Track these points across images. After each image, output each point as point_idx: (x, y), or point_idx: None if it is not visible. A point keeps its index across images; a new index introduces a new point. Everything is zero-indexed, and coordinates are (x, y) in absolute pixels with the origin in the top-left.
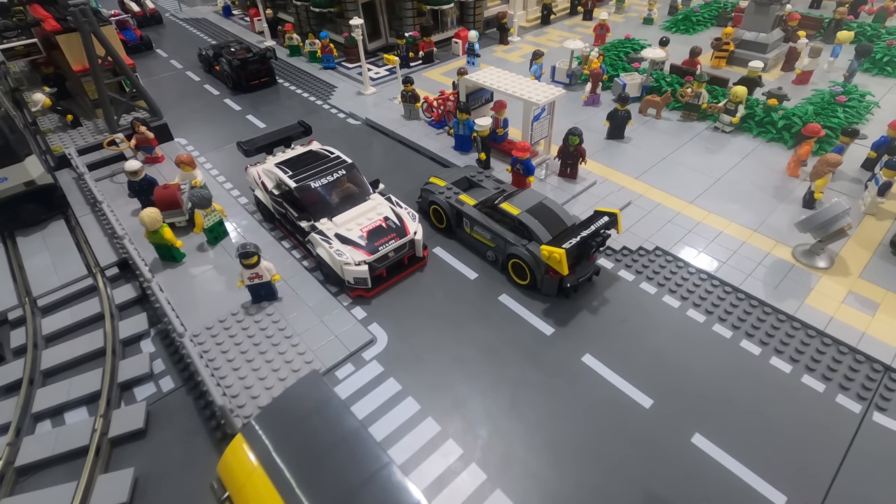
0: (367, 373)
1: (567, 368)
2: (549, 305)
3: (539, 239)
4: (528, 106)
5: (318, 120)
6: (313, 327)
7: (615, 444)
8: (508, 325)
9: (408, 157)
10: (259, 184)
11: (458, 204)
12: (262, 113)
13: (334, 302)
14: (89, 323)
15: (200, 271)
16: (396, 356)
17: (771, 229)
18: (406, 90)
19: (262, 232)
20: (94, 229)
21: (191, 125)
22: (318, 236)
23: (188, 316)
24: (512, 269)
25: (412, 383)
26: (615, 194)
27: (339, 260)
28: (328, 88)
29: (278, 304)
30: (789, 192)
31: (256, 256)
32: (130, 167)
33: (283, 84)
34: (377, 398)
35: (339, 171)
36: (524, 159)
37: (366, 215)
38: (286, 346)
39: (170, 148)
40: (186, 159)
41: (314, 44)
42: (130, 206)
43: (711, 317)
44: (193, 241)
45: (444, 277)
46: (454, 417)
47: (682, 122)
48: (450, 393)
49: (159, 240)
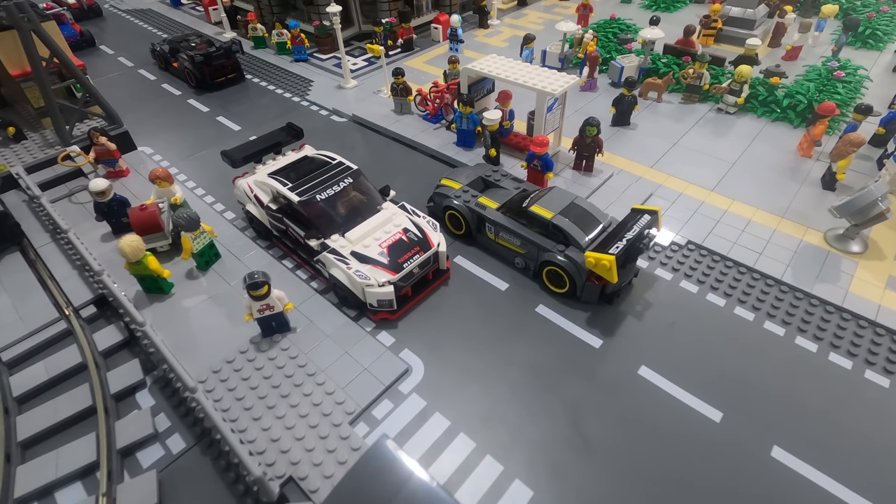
0: (408, 408)
1: (625, 384)
2: (591, 313)
3: (577, 243)
4: (543, 96)
5: (299, 119)
6: (338, 360)
7: (691, 465)
8: (552, 340)
9: (405, 156)
10: (252, 198)
11: (479, 208)
12: (233, 114)
13: (356, 328)
14: (70, 376)
15: (194, 303)
16: (437, 386)
17: (798, 214)
18: (396, 83)
19: (258, 251)
20: (58, 261)
21: (153, 131)
22: (332, 256)
23: (188, 358)
24: (547, 276)
25: (461, 417)
26: (635, 186)
27: (361, 282)
28: (304, 83)
29: (292, 335)
30: (805, 173)
31: (267, 286)
32: (96, 187)
33: (251, 80)
34: (426, 437)
35: (346, 180)
36: (542, 155)
37: (382, 228)
38: (310, 385)
39: (133, 159)
40: (162, 174)
41: (282, 34)
42: (99, 231)
43: (759, 313)
44: (180, 268)
45: (472, 290)
46: (515, 452)
47: (684, 104)
48: (504, 424)
49: (143, 271)
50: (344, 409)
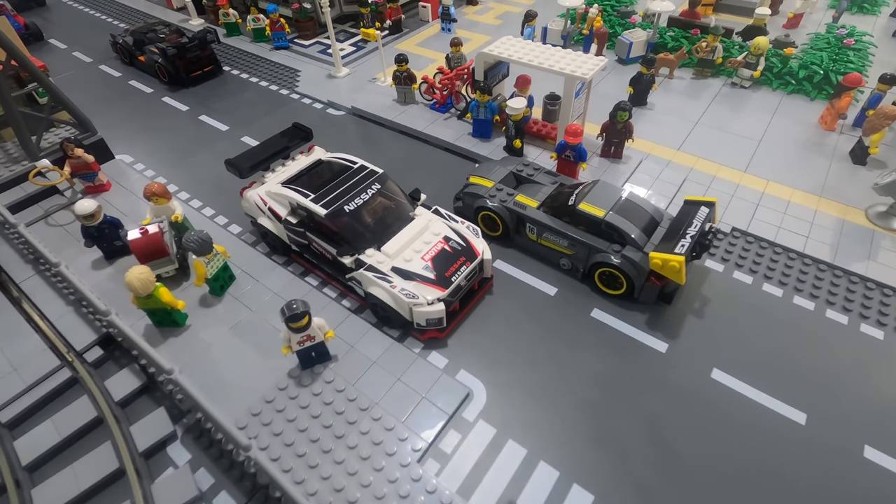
0: (478, 438)
1: (700, 391)
2: (650, 314)
3: (635, 243)
4: (571, 81)
5: (291, 114)
6: (391, 390)
7: (784, 475)
8: (615, 347)
9: (417, 151)
10: (266, 211)
11: (519, 208)
12: (217, 111)
13: (404, 351)
14: (85, 433)
15: (216, 335)
16: (503, 410)
17: (835, 192)
18: (400, 70)
19: (276, 270)
20: (47, 297)
21: (129, 136)
22: (371, 274)
23: (221, 401)
24: (599, 278)
25: (536, 443)
26: (667, 171)
27: (409, 302)
28: (290, 73)
29: (335, 364)
30: (832, 147)
31: (307, 316)
32: (84, 210)
33: (230, 72)
34: (504, 470)
35: (373, 186)
36: (577, 145)
37: (420, 238)
38: (367, 422)
39: (112, 169)
40: (158, 190)
41: (259, 19)
42: (88, 257)
43: (819, 301)
44: (191, 295)
45: (518, 297)
46: (601, 479)
47: (696, 79)
48: (583, 447)
49: (155, 304)
50: (410, 446)
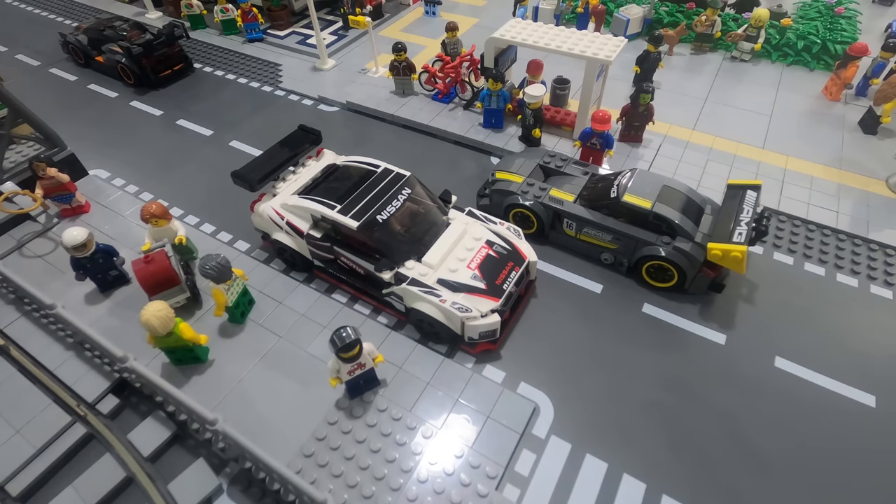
0: (554, 456)
1: (767, 382)
2: (701, 305)
3: (687, 233)
4: (593, 65)
5: (280, 112)
6: (452, 412)
7: (860, 457)
8: (674, 343)
9: (425, 146)
10: (284, 226)
11: (555, 203)
12: (196, 115)
13: (457, 368)
14: (115, 495)
15: (244, 369)
16: (574, 421)
17: (854, 164)
18: (398, 60)
19: (299, 288)
20: (41, 342)
21: (99, 148)
22: (416, 289)
23: (266, 443)
24: (647, 271)
25: (615, 454)
26: (688, 152)
27: (461, 316)
28: (269, 68)
29: (385, 390)
30: (840, 118)
31: (359, 345)
32: (74, 240)
33: (202, 70)
34: (589, 488)
35: (403, 191)
36: (605, 132)
37: (462, 245)
38: (433, 451)
39: (87, 187)
40: (158, 210)
41: (227, 10)
42: (79, 291)
43: (861, 277)
44: (208, 325)
45: (563, 297)
46: (687, 481)
47: (695, 54)
48: (663, 451)
49: (175, 342)
50: (485, 473)
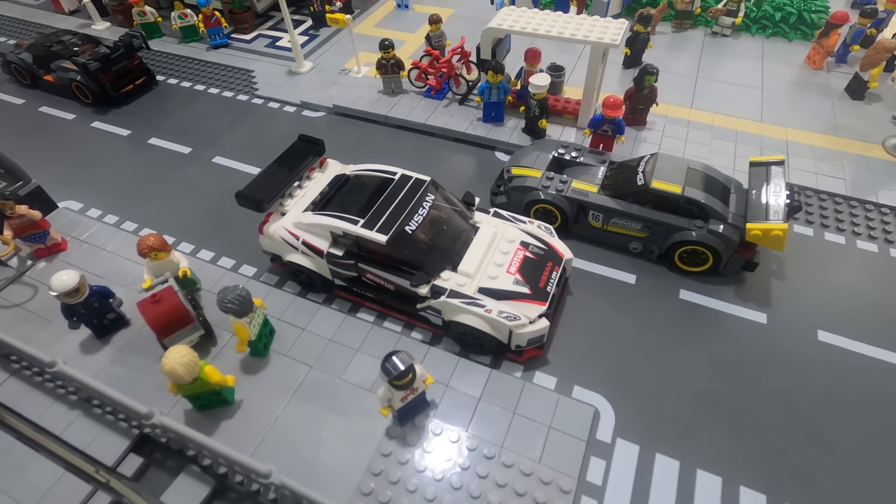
0: (624, 461)
1: (815, 357)
2: (735, 286)
3: (720, 215)
4: (598, 50)
5: (260, 123)
6: (511, 427)
7: None
8: (718, 327)
9: (424, 146)
10: (300, 246)
11: (580, 195)
12: (169, 131)
13: (508, 379)
14: None
15: (277, 406)
16: (636, 421)
17: (849, 131)
18: (385, 58)
19: (320, 311)
20: (39, 404)
21: (64, 177)
22: (457, 301)
23: (318, 485)
24: (680, 257)
25: (684, 450)
26: (692, 131)
27: (510, 325)
28: (241, 75)
29: (434, 411)
30: (827, 86)
31: (413, 370)
32: (64, 285)
33: (167, 83)
34: (666, 489)
35: (427, 198)
36: (617, 118)
37: (496, 249)
38: (499, 471)
39: (58, 222)
40: (157, 243)
41: (186, 16)
42: (73, 340)
43: (879, 242)
44: (228, 362)
45: (598, 292)
46: (760, 469)
47: (677, 32)
48: (730, 441)
49: (202, 388)
50: (559, 489)
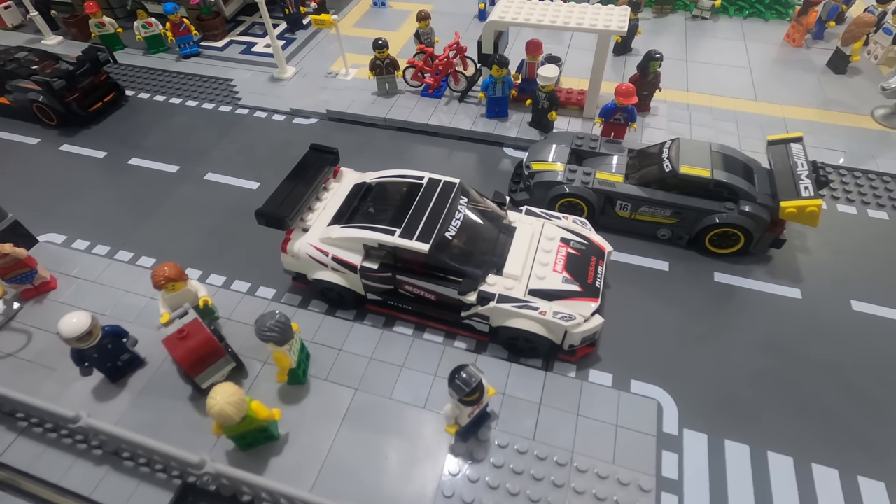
0: (695, 451)
1: (851, 326)
2: (765, 264)
3: (749, 195)
4: (606, 37)
5: (249, 134)
6: (578, 431)
7: None
8: (756, 307)
9: (427, 146)
10: (330, 262)
11: (607, 186)
12: (150, 149)
13: (565, 380)
14: None
15: (328, 436)
16: (699, 409)
17: (838, 104)
18: (380, 58)
19: (355, 329)
20: (59, 463)
21: (39, 208)
22: (508, 305)
23: None
24: (710, 240)
25: (751, 433)
26: (695, 115)
27: (567, 325)
28: (219, 85)
29: (495, 423)
30: (809, 62)
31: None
32: (76, 329)
33: (137, 97)
34: (741, 475)
35: (461, 200)
36: (629, 106)
37: (538, 248)
38: (575, 477)
39: (42, 258)
40: (174, 273)
41: (150, 25)
42: (85, 385)
43: (888, 209)
44: (264, 394)
45: (634, 282)
46: (827, 445)
47: (658, 17)
48: (793, 419)
49: (250, 425)
50: (639, 488)
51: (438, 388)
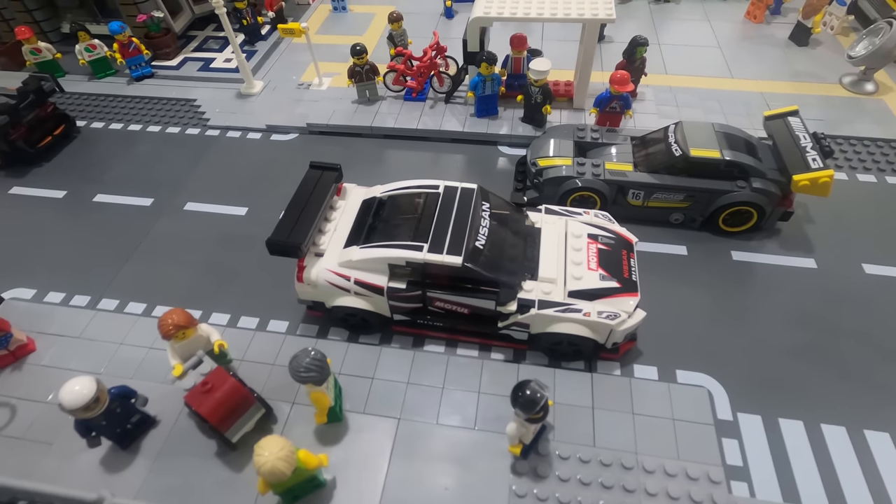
0: (752, 433)
1: (866, 289)
2: (776, 238)
3: (759, 172)
4: (594, 26)
5: (226, 156)
6: (635, 430)
7: None
8: (778, 282)
9: (420, 151)
10: (352, 286)
11: (618, 176)
12: (117, 183)
13: (613, 380)
14: None
15: (379, 472)
16: (747, 391)
17: (807, 75)
18: (359, 64)
19: (384, 354)
20: None
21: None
22: (550, 311)
23: None
24: (724, 220)
25: (803, 408)
26: (681, 97)
27: (612, 324)
28: (182, 107)
29: (553, 433)
30: (772, 37)
31: None
32: (81, 398)
33: (91, 127)
34: (801, 451)
35: (483, 206)
36: (624, 94)
37: (568, 247)
38: (645, 479)
39: (12, 317)
40: (183, 319)
41: (94, 48)
42: (91, 457)
43: (874, 172)
44: (297, 438)
45: (655, 269)
46: (876, 411)
47: (621, 3)
48: (838, 389)
49: (298, 478)
50: (709, 480)
51: (485, 405)
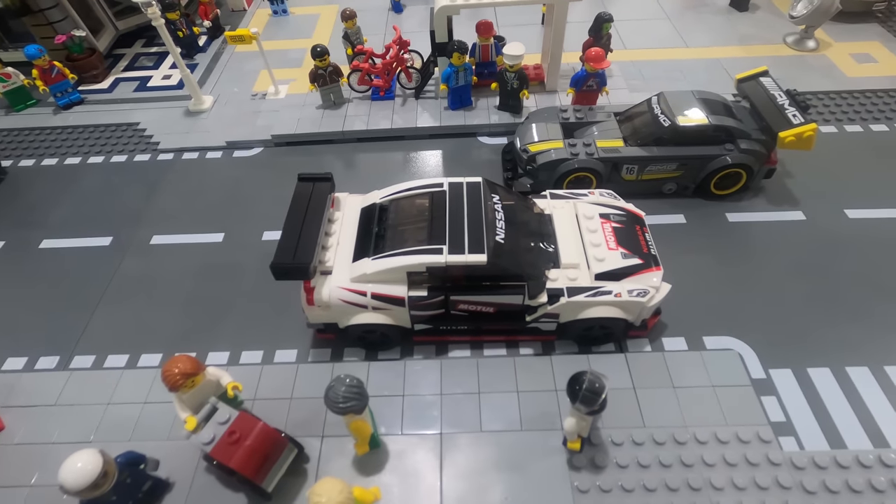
0: (787, 387)
1: (855, 234)
2: (763, 195)
3: (744, 133)
4: (564, 6)
5: (188, 181)
6: (680, 404)
7: None
8: (775, 238)
9: (397, 152)
10: (370, 302)
11: (611, 153)
12: (64, 226)
13: (646, 357)
14: None
15: (433, 491)
16: (771, 346)
17: (753, 38)
18: (321, 66)
19: (409, 368)
20: None
21: None
22: (580, 297)
23: None
24: (715, 184)
25: (824, 355)
26: (645, 70)
27: (643, 300)
28: (124, 132)
29: (602, 421)
30: (713, 4)
31: None
32: (86, 476)
33: (18, 166)
34: (835, 397)
35: (493, 199)
36: (601, 71)
37: (583, 229)
38: (704, 452)
39: None
40: (190, 367)
41: (8, 77)
42: None
43: (833, 123)
44: (338, 473)
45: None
46: (890, 340)
47: None
48: (854, 333)
49: None
50: (760, 440)
51: (526, 403)
